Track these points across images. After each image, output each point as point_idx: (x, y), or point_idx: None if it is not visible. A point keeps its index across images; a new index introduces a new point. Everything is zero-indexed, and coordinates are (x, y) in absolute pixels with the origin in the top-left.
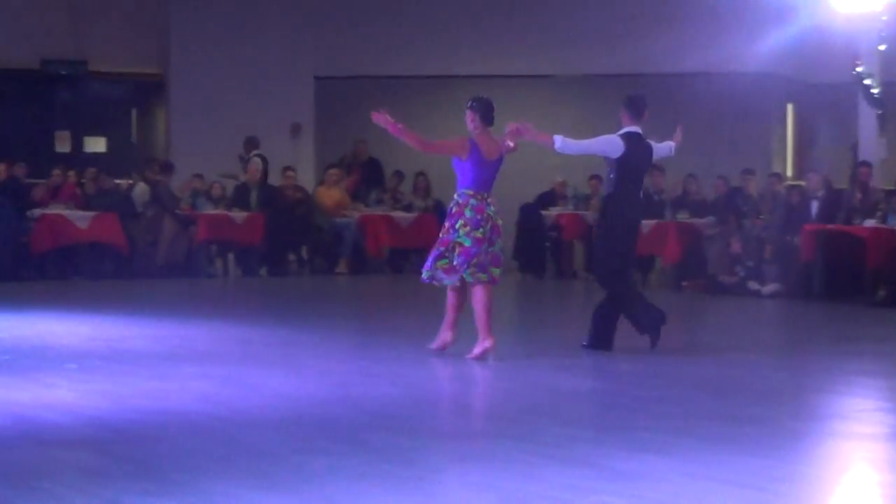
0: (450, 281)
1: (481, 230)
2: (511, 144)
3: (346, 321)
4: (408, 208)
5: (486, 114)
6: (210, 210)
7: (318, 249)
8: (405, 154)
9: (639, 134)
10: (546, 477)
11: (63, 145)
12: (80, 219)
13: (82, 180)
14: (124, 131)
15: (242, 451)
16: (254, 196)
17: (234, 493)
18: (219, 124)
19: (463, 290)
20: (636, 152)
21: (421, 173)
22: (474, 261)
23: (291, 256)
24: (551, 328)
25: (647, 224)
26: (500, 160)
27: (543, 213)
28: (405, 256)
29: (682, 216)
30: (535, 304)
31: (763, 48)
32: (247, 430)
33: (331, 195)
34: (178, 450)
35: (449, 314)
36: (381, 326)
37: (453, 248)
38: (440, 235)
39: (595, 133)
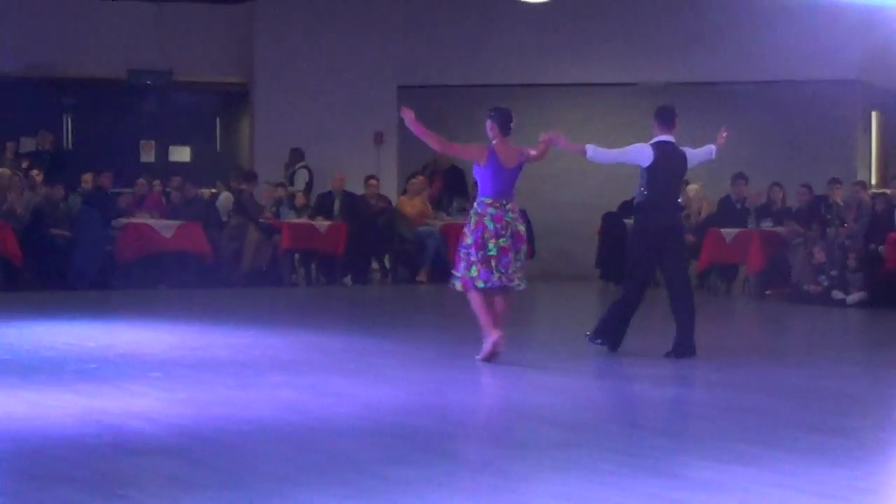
0: (484, 283)
1: (503, 239)
2: (533, 153)
3: (429, 330)
4: None
5: (504, 123)
6: (293, 219)
7: (401, 258)
8: None
9: (670, 143)
10: (630, 487)
11: (148, 154)
12: (165, 228)
13: (167, 189)
14: (208, 140)
15: (327, 460)
16: (337, 205)
17: (319, 501)
18: (302, 133)
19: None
20: (667, 160)
21: None
22: (511, 268)
23: (374, 265)
24: (632, 337)
25: (730, 232)
26: (518, 168)
27: (627, 221)
28: None
29: (766, 225)
30: None
31: (847, 55)
32: (331, 439)
33: (413, 205)
34: (263, 458)
35: (484, 319)
36: (464, 335)
37: (488, 262)
38: (463, 242)
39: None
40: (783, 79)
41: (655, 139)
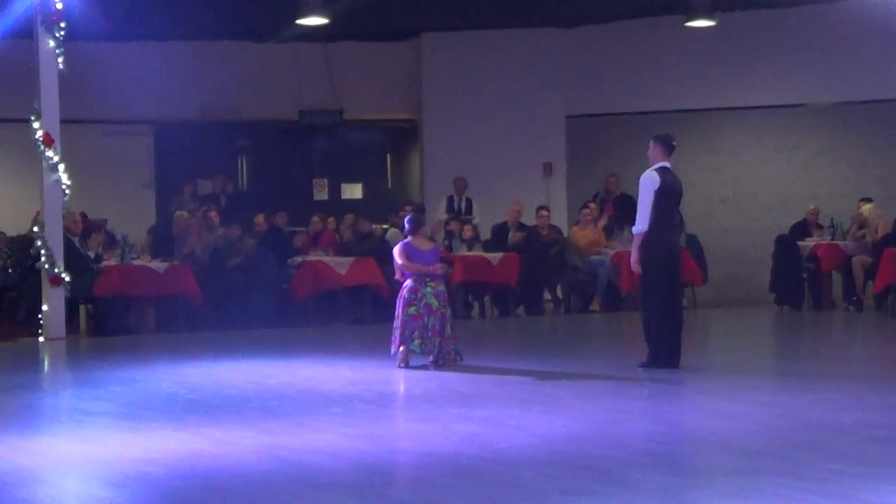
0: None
1: (414, 307)
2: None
3: (603, 358)
4: None
5: (413, 227)
6: (464, 252)
7: (574, 288)
8: None
9: (670, 168)
10: None
11: (321, 193)
12: (340, 264)
13: (340, 226)
14: (380, 177)
15: (506, 492)
16: (510, 237)
17: None
18: (472, 166)
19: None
20: (670, 185)
21: None
22: (415, 334)
23: (546, 296)
24: (809, 360)
25: (890, 253)
26: (433, 250)
27: (800, 243)
28: None
29: None
30: (792, 337)
31: None
32: (510, 471)
33: (586, 234)
34: (443, 492)
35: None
36: (637, 363)
37: (399, 326)
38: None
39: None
40: None
41: (658, 165)
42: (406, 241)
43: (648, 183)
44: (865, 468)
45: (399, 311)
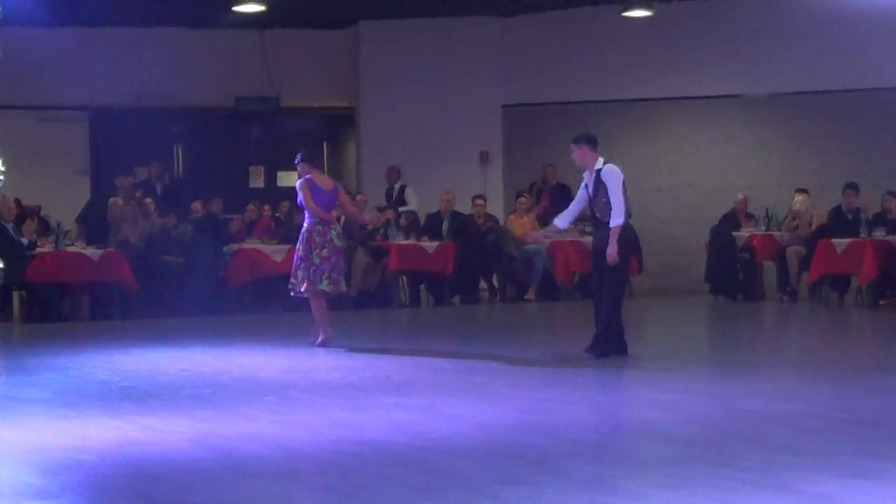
0: (304, 293)
1: (326, 249)
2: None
3: (538, 348)
4: None
5: (314, 161)
6: (401, 240)
7: (509, 277)
8: None
9: None
10: (746, 503)
11: (257, 180)
12: (275, 252)
13: (277, 214)
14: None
15: (440, 481)
16: (445, 225)
17: None
18: (408, 154)
19: (323, 296)
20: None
21: None
22: (324, 275)
23: (482, 285)
24: (744, 350)
25: (841, 242)
26: (333, 190)
27: (735, 234)
28: None
29: (879, 234)
30: (726, 327)
31: None
32: (444, 460)
33: (522, 224)
34: (377, 480)
35: (321, 317)
36: (573, 352)
37: (308, 268)
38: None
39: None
40: (891, 86)
41: (601, 161)
42: (308, 177)
43: (617, 176)
44: (798, 458)
45: (304, 252)
